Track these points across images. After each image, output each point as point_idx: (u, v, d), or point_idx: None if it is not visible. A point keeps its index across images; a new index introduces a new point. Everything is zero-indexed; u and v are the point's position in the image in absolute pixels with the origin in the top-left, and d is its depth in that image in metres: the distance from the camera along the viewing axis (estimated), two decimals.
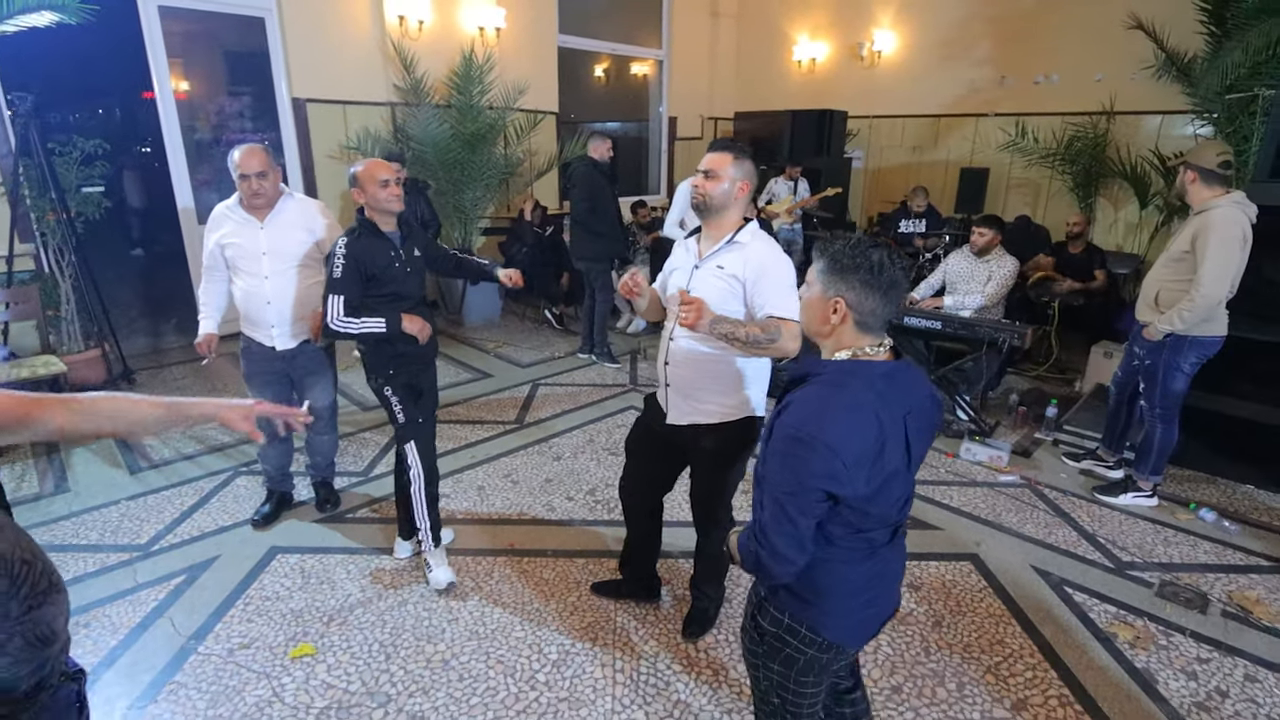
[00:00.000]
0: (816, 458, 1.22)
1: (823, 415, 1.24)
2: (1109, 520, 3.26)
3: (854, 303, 1.29)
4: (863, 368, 1.30)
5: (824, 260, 1.33)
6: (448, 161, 5.97)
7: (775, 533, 1.29)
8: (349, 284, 2.38)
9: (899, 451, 1.30)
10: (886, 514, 1.35)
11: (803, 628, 1.41)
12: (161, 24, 5.03)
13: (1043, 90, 6.73)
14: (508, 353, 5.59)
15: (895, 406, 1.29)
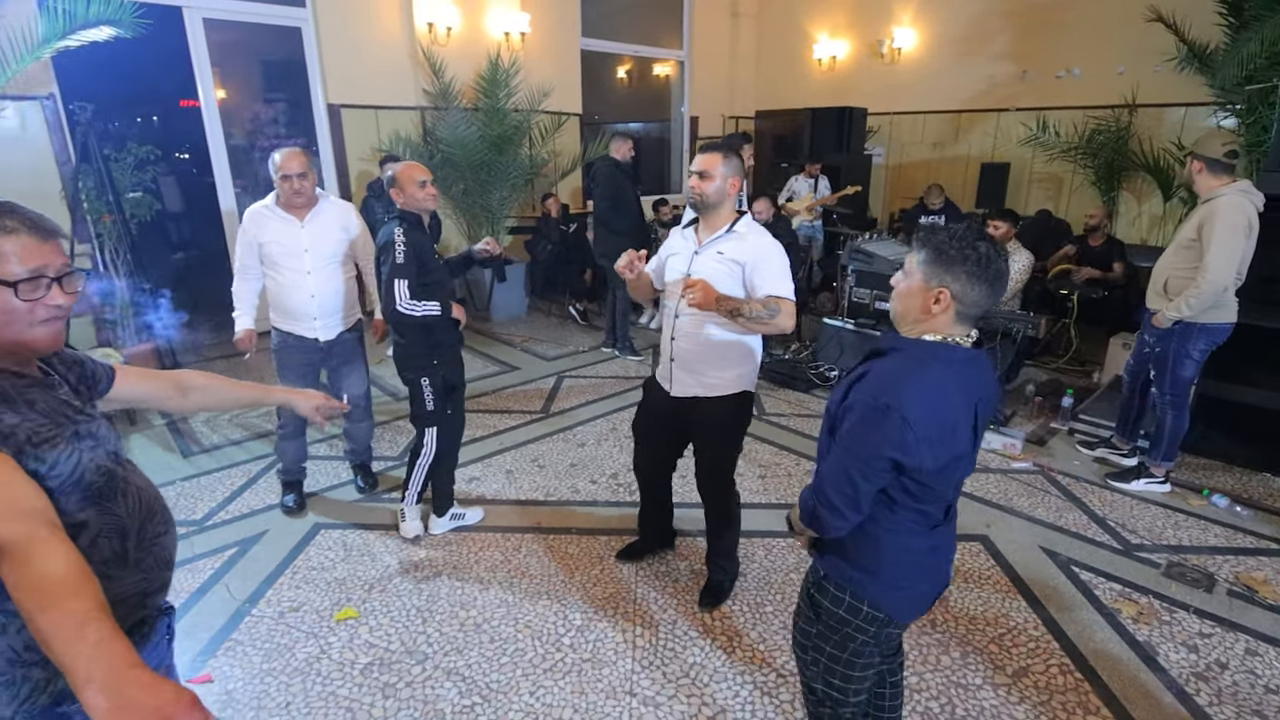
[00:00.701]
0: (891, 427, 1.26)
1: (903, 388, 1.28)
2: (1120, 505, 3.33)
3: (958, 293, 1.31)
4: (946, 350, 1.34)
5: (927, 250, 1.33)
6: (475, 163, 6.18)
7: (834, 489, 1.35)
8: (410, 270, 2.57)
9: (967, 435, 1.35)
10: (945, 492, 1.40)
11: (864, 604, 1.45)
12: (208, 35, 5.30)
13: (1064, 84, 6.73)
14: (534, 346, 5.77)
15: (970, 392, 1.34)
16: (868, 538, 1.44)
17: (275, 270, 2.97)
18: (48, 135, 4.62)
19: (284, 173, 2.83)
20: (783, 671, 2.28)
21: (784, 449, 3.89)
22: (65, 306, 1.09)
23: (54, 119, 4.63)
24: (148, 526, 1.18)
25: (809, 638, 1.56)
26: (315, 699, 2.16)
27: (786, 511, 2.83)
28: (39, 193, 4.59)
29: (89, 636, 0.76)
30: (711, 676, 2.26)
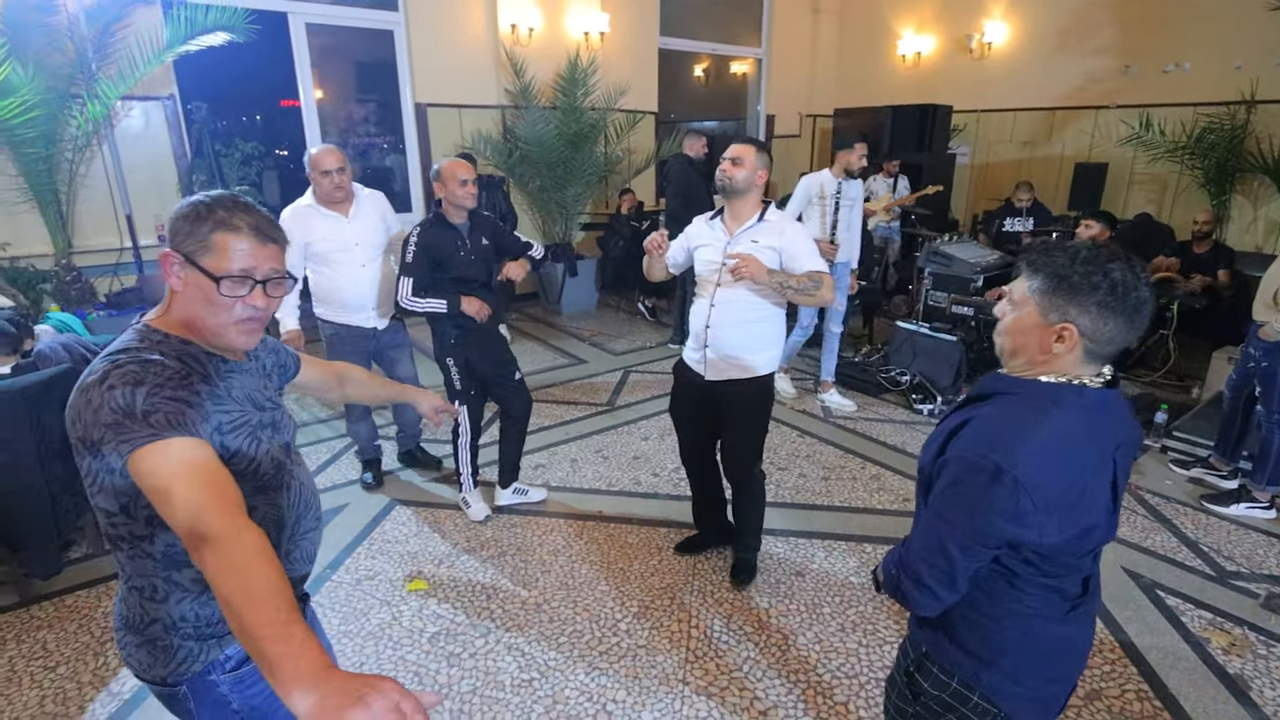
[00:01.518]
0: (1000, 493, 1.01)
1: (1017, 444, 1.02)
2: (1215, 529, 3.11)
3: (1088, 329, 1.04)
4: (1072, 394, 1.07)
5: (1042, 278, 1.08)
6: (551, 160, 6.33)
7: (925, 563, 1.11)
8: (418, 268, 2.77)
9: (1103, 493, 1.09)
10: (1080, 564, 1.12)
11: (974, 694, 1.18)
12: (307, 39, 5.65)
13: (1172, 79, 6.29)
14: (602, 341, 5.87)
15: (1104, 440, 1.08)
16: (983, 618, 1.15)
17: (327, 266, 3.01)
18: (167, 133, 5.04)
19: (323, 169, 2.88)
20: (838, 674, 2.26)
21: (850, 452, 3.83)
22: (264, 309, 1.11)
23: (173, 118, 5.04)
24: (302, 520, 1.23)
25: (905, 717, 1.30)
26: (386, 661, 2.29)
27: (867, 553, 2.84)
28: (157, 185, 5.02)
29: (295, 636, 0.77)
30: (765, 673, 2.26)
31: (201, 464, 0.94)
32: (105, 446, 0.94)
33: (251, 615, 0.80)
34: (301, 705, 0.73)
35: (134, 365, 0.99)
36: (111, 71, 4.45)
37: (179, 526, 0.89)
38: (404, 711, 0.72)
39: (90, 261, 4.80)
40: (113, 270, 4.90)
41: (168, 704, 1.18)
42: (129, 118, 4.88)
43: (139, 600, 1.09)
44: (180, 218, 1.06)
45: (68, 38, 4.30)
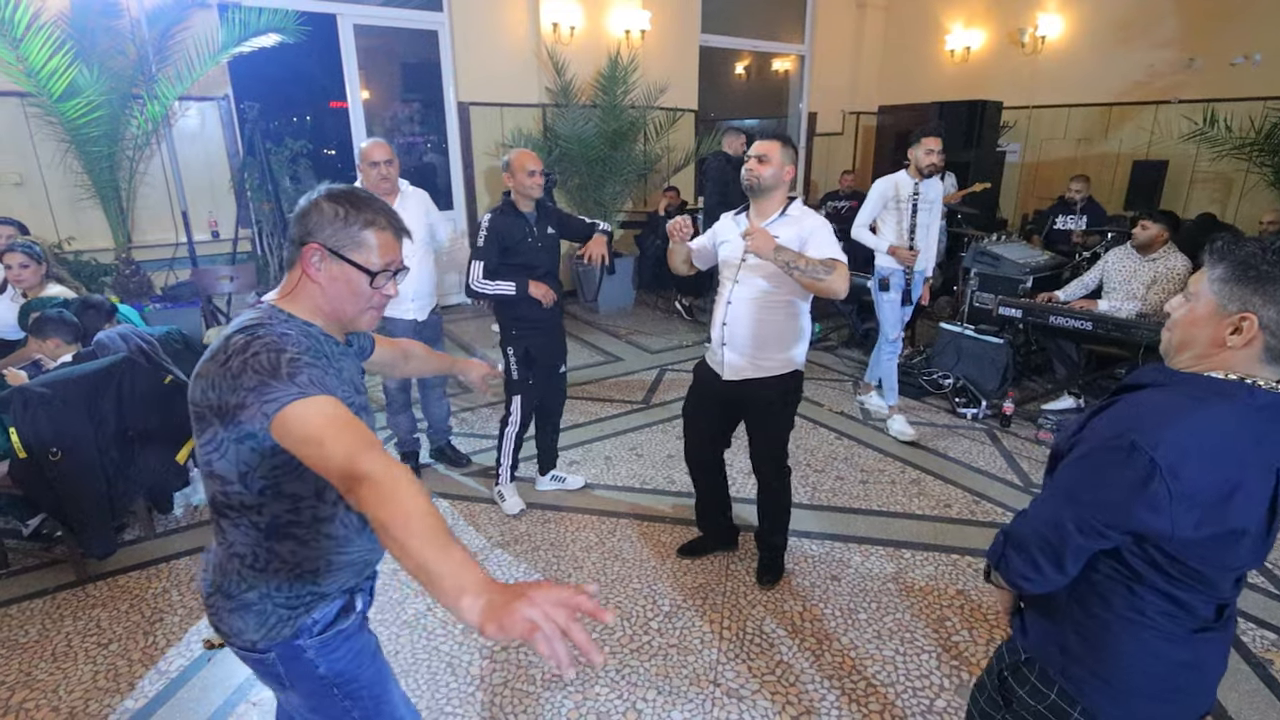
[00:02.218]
0: (1134, 471, 0.95)
1: (1165, 426, 0.96)
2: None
3: (1273, 322, 0.96)
4: (1240, 390, 0.98)
5: (1226, 265, 1.00)
6: (591, 158, 6.35)
7: (1035, 533, 1.06)
8: (489, 252, 2.84)
9: (1258, 508, 0.98)
10: (1218, 581, 1.02)
11: (1075, 710, 1.10)
12: (355, 40, 5.78)
13: (1240, 72, 5.99)
14: (638, 339, 5.87)
15: (1270, 452, 0.98)
16: (1096, 624, 1.07)
17: None
18: (221, 132, 5.21)
19: (372, 159, 2.95)
20: (874, 681, 2.21)
21: (889, 455, 3.74)
22: (390, 298, 1.23)
23: (227, 117, 5.21)
24: None
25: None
26: (420, 651, 2.32)
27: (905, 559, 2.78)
28: (210, 182, 5.20)
29: (455, 555, 0.83)
30: (799, 676, 2.22)
31: (345, 414, 1.00)
32: (245, 411, 1.00)
33: (413, 539, 0.85)
34: (471, 611, 0.78)
35: (273, 336, 1.06)
36: (170, 73, 4.61)
37: (334, 470, 0.94)
38: (565, 600, 0.77)
39: (147, 256, 5.00)
40: (168, 264, 5.09)
41: (257, 669, 1.24)
42: (185, 117, 5.06)
43: (239, 567, 1.16)
44: (320, 214, 1.14)
45: (130, 40, 4.48)
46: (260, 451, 1.07)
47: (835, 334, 5.95)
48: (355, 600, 1.28)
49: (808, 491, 3.36)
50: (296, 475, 1.11)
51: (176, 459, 2.93)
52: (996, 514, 3.18)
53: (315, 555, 1.17)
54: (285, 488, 1.12)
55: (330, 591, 1.21)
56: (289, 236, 1.17)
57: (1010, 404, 4.14)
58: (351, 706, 1.26)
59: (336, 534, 1.18)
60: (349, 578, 1.24)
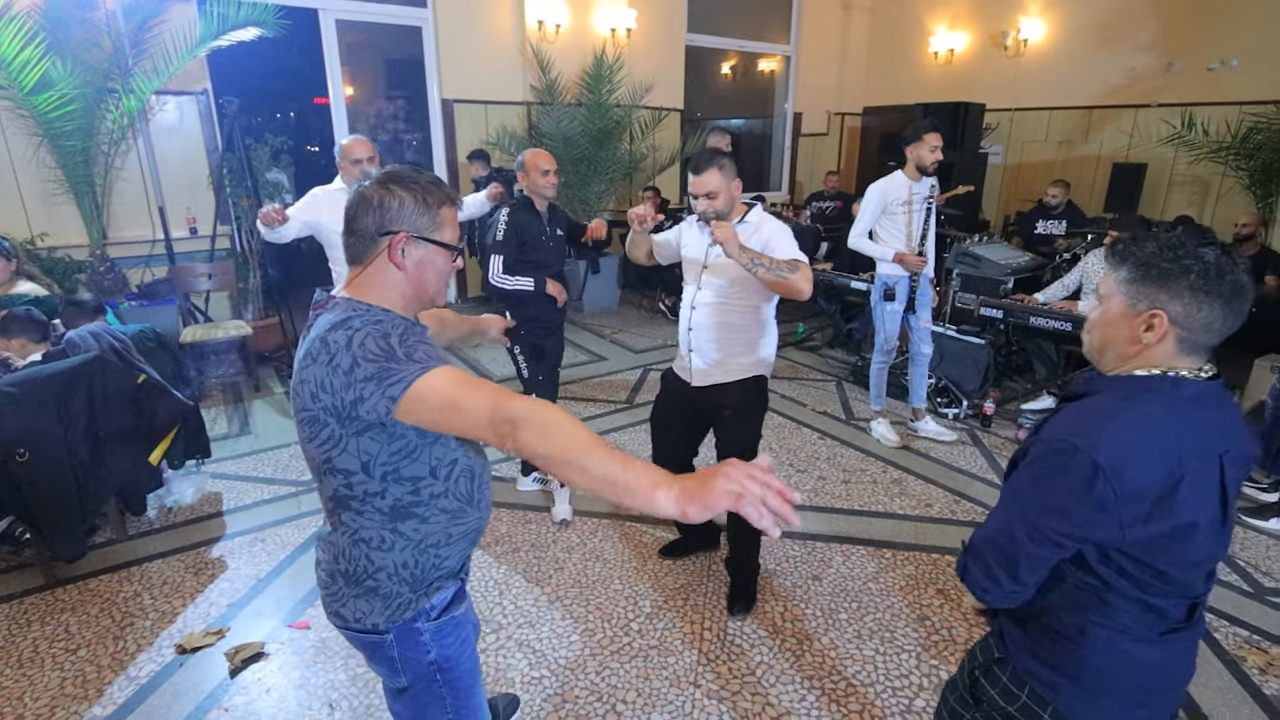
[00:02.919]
0: (1075, 474, 0.97)
1: (1099, 426, 0.99)
2: (1253, 544, 2.99)
3: (1180, 316, 1.00)
4: (1166, 384, 1.02)
5: (1129, 265, 1.04)
6: (575, 157, 6.32)
7: (988, 542, 1.07)
8: (508, 246, 2.83)
9: (1207, 499, 1.00)
10: (1186, 579, 1.03)
11: (1045, 712, 1.11)
12: (337, 35, 5.71)
13: (1217, 77, 6.07)
14: (623, 339, 5.85)
15: (1210, 439, 1.01)
16: (1068, 630, 1.08)
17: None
18: (200, 127, 5.13)
19: (354, 156, 2.87)
20: (854, 681, 2.21)
21: (871, 455, 3.76)
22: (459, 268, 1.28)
23: (205, 112, 5.13)
24: (485, 473, 1.34)
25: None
26: None
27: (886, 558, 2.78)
28: (189, 179, 5.12)
29: (634, 463, 0.91)
30: (779, 678, 2.22)
31: (468, 376, 1.06)
32: (365, 403, 1.05)
33: (591, 457, 0.92)
34: (668, 501, 0.86)
35: (372, 325, 1.11)
36: (146, 66, 4.54)
37: (484, 426, 0.99)
38: (754, 475, 0.85)
39: (124, 253, 4.91)
40: (145, 262, 5.00)
41: (371, 651, 1.30)
42: (163, 112, 4.98)
43: (365, 552, 1.21)
44: (401, 204, 1.16)
45: (105, 33, 4.40)
46: (380, 440, 1.11)
47: (819, 334, 5.97)
48: (464, 588, 1.35)
49: None
50: (413, 458, 1.16)
51: (149, 460, 2.87)
52: (977, 513, 3.20)
53: (436, 530, 1.23)
54: (404, 471, 1.16)
55: (450, 567, 1.28)
56: (357, 230, 1.17)
57: (991, 404, 4.17)
58: (447, 694, 1.32)
59: (451, 508, 1.24)
60: (465, 548, 1.30)
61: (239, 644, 2.32)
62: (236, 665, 2.23)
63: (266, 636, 2.37)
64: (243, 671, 2.22)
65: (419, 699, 1.33)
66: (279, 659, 2.28)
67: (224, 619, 2.46)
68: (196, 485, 3.30)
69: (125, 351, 2.84)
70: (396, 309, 1.20)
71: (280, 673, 2.22)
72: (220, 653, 2.29)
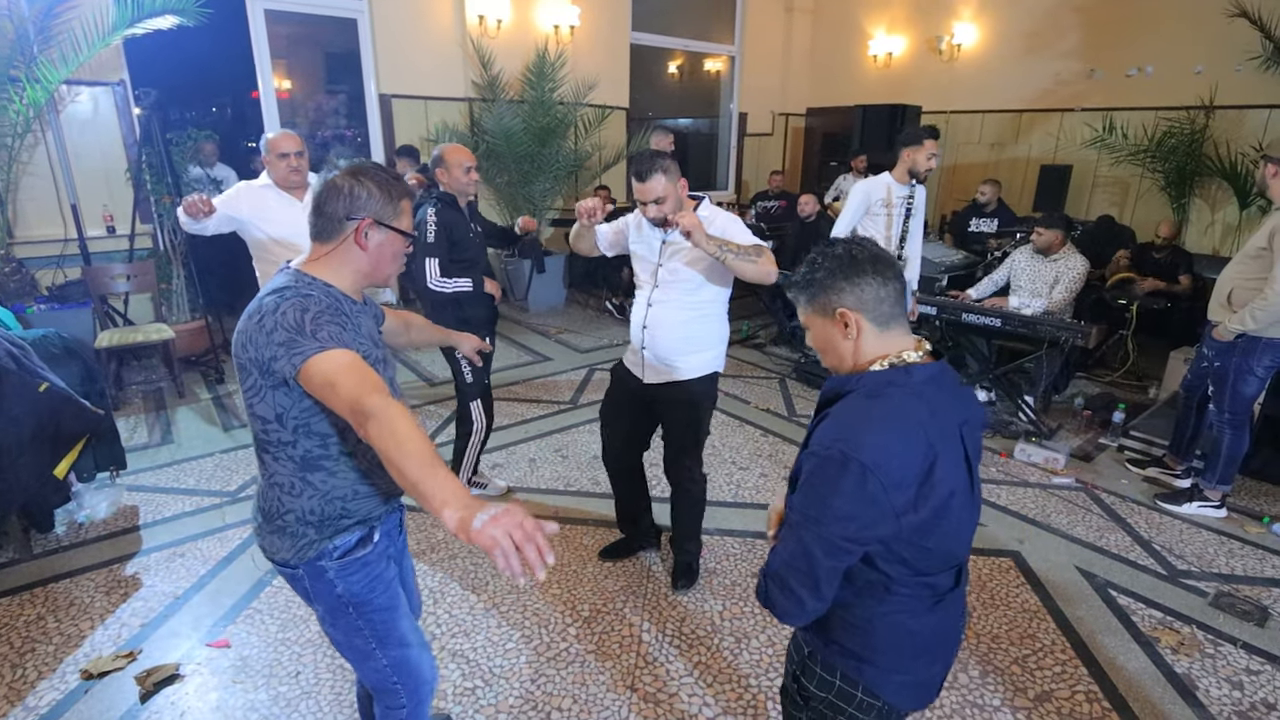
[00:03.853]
0: (848, 478, 1.02)
1: (858, 428, 1.05)
2: (1168, 528, 3.14)
3: (855, 303, 1.12)
4: (899, 375, 1.11)
5: (804, 297, 1.18)
6: (519, 154, 6.23)
7: (787, 566, 1.10)
8: (441, 248, 2.71)
9: (957, 469, 1.10)
10: (951, 549, 1.13)
11: (858, 691, 1.20)
12: (267, 27, 5.48)
13: (1135, 83, 6.38)
14: (568, 338, 5.79)
15: (948, 415, 1.11)
16: (857, 619, 1.18)
17: (272, 253, 2.77)
18: (117, 120, 4.85)
19: (280, 151, 2.76)
20: None
21: None
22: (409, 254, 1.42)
23: (123, 104, 4.86)
24: None
25: None
26: (324, 670, 2.20)
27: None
28: (106, 174, 4.84)
29: (439, 474, 1.01)
30: (716, 677, 2.22)
31: (356, 363, 1.17)
32: (277, 363, 1.19)
33: (407, 463, 1.02)
34: (452, 519, 0.95)
35: (299, 298, 1.24)
36: (54, 54, 4.26)
37: (345, 408, 1.11)
38: (525, 529, 0.92)
39: (32, 253, 4.61)
40: (56, 262, 4.71)
41: (291, 583, 1.45)
42: (76, 103, 4.69)
43: (279, 495, 1.35)
44: (368, 193, 1.29)
45: (7, 17, 4.12)
46: (292, 397, 1.25)
47: (764, 331, 6.03)
48: (374, 533, 1.43)
49: (731, 489, 3.38)
50: (322, 416, 1.30)
51: (54, 473, 2.69)
52: None
53: (343, 484, 1.36)
54: (314, 427, 1.30)
55: (355, 517, 1.39)
56: (324, 213, 1.30)
57: None
58: (363, 625, 1.43)
59: (360, 467, 1.37)
60: (373, 506, 1.41)
61: (151, 666, 2.19)
62: (148, 689, 2.11)
63: (182, 657, 2.25)
64: (154, 696, 2.10)
65: (338, 626, 1.44)
66: (195, 680, 2.16)
67: (136, 640, 2.33)
68: (110, 498, 3.11)
69: (24, 358, 2.65)
70: (344, 286, 1.33)
71: (196, 695, 2.11)
72: (130, 677, 2.16)
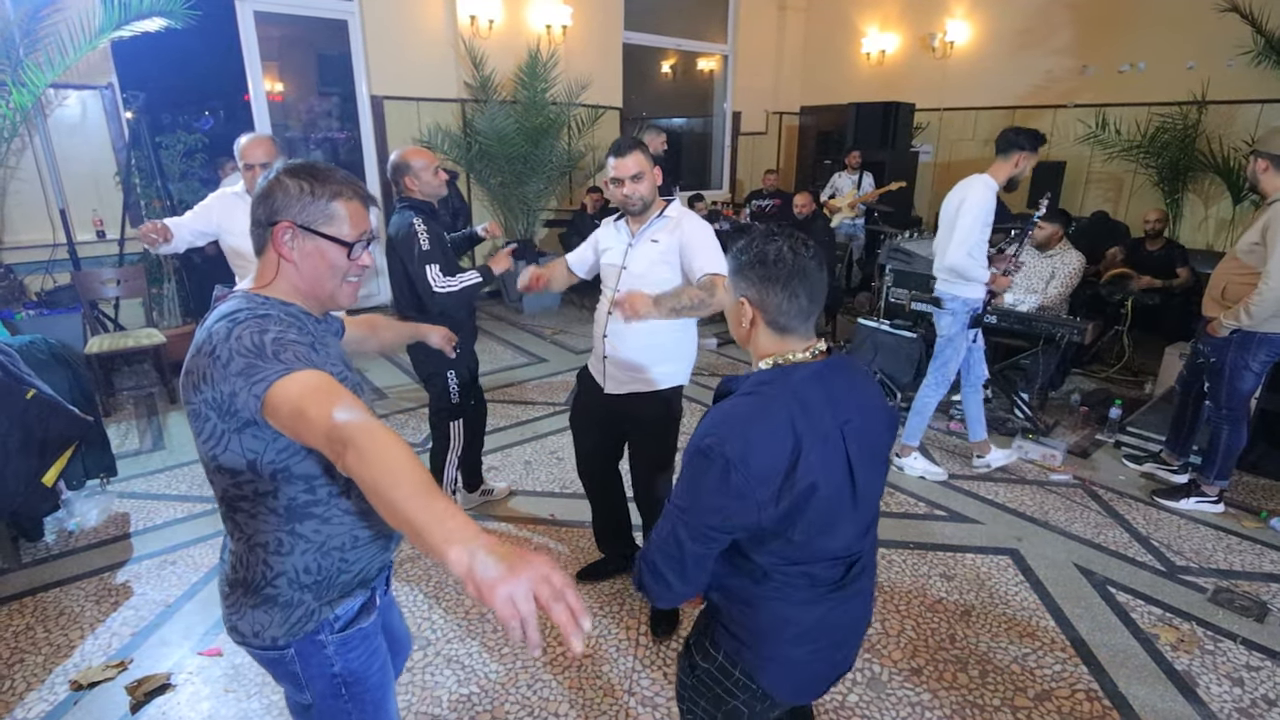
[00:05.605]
0: (713, 471, 1.07)
1: (725, 424, 1.09)
2: (1166, 524, 3.13)
3: (757, 300, 1.15)
4: (781, 374, 1.14)
5: (731, 263, 1.19)
6: (511, 155, 6.21)
7: (658, 549, 1.15)
8: (440, 251, 2.52)
9: (828, 466, 1.11)
10: (826, 545, 1.16)
11: (736, 670, 1.25)
12: (256, 29, 5.45)
13: (1127, 79, 6.39)
14: (563, 339, 5.77)
15: (823, 414, 1.11)
16: (739, 603, 1.21)
17: (246, 266, 2.73)
18: (106, 124, 4.81)
19: (247, 162, 2.57)
20: None
21: None
22: (366, 268, 1.20)
23: (112, 108, 4.82)
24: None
25: (684, 689, 1.37)
26: None
27: None
28: (95, 179, 4.80)
29: (437, 507, 0.82)
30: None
31: (327, 383, 0.97)
32: (238, 398, 0.99)
33: (398, 491, 0.83)
34: (458, 562, 0.76)
35: (255, 319, 1.05)
36: (40, 58, 4.22)
37: (318, 438, 0.92)
38: (553, 584, 0.75)
39: (20, 258, 4.57)
40: (45, 267, 4.67)
41: (272, 668, 1.23)
42: (63, 107, 4.65)
43: (263, 557, 1.13)
44: (285, 192, 1.11)
45: None
46: (264, 437, 1.06)
47: None
48: (375, 598, 1.27)
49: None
50: (304, 455, 1.09)
51: (43, 480, 2.66)
52: (909, 505, 3.26)
53: (340, 531, 1.16)
54: (296, 469, 1.10)
55: (356, 571, 1.20)
56: (254, 220, 1.14)
57: None
58: (353, 710, 1.25)
59: (354, 509, 1.17)
60: (374, 554, 1.23)
61: (142, 676, 2.16)
62: (139, 699, 2.08)
63: (173, 666, 2.22)
64: (145, 706, 2.07)
65: (325, 713, 1.25)
66: (187, 690, 2.13)
67: (127, 650, 2.29)
68: (101, 506, 3.08)
69: (11, 364, 2.62)
70: (297, 302, 1.16)
71: (188, 705, 2.08)
72: (121, 687, 2.13)
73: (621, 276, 2.24)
